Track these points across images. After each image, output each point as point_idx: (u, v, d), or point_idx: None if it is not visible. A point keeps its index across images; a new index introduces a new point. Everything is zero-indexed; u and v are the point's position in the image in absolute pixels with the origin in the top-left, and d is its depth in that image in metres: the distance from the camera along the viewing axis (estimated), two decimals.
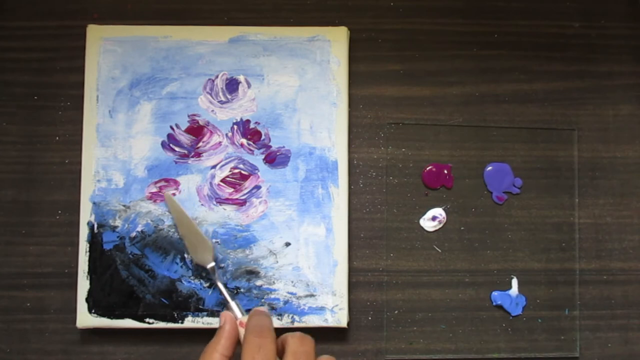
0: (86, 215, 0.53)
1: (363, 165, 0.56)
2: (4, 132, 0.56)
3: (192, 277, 0.53)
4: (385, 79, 0.57)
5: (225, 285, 0.52)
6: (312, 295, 0.53)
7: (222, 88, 0.55)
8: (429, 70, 0.57)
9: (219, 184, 0.54)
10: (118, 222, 0.53)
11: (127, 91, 0.55)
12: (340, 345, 0.55)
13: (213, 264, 0.52)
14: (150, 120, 0.54)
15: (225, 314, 0.45)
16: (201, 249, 0.52)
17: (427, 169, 0.56)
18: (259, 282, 0.53)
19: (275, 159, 0.54)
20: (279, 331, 0.53)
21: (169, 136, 0.54)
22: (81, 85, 0.55)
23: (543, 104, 0.57)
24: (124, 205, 0.54)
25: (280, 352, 0.42)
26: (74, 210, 0.54)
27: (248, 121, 0.55)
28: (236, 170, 0.54)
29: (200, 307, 0.53)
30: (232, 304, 0.47)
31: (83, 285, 0.53)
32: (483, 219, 0.56)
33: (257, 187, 0.54)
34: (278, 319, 0.53)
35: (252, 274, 0.53)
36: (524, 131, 0.57)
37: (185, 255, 0.53)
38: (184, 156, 0.54)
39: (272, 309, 0.53)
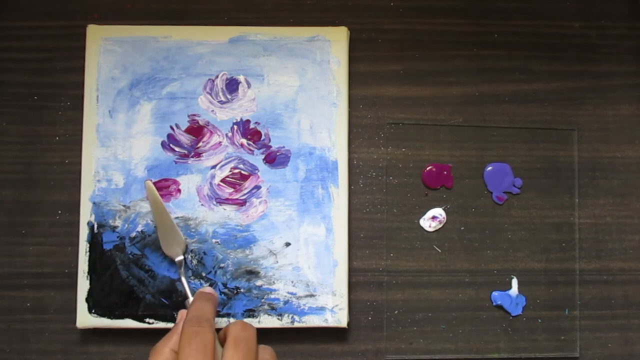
0: (86, 215, 0.53)
1: (363, 165, 0.56)
2: (4, 132, 0.56)
3: (191, 277, 0.53)
4: (385, 79, 0.57)
5: (188, 281, 0.52)
6: (312, 295, 0.53)
7: (222, 88, 0.55)
8: (429, 70, 0.57)
9: (219, 184, 0.54)
10: (118, 222, 0.53)
11: (127, 91, 0.55)
12: (340, 345, 0.55)
13: (181, 257, 0.52)
14: (150, 120, 0.54)
15: (182, 312, 0.47)
16: (172, 241, 0.52)
17: (427, 169, 0.56)
18: (259, 282, 0.53)
19: (275, 159, 0.54)
20: (279, 331, 0.53)
21: (169, 136, 0.54)
22: (81, 85, 0.55)
23: (543, 104, 0.57)
24: (124, 205, 0.54)
25: (223, 341, 0.42)
26: (74, 210, 0.54)
27: (248, 121, 0.55)
28: (236, 170, 0.54)
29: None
30: (191, 300, 0.48)
31: (83, 285, 0.53)
32: (483, 219, 0.56)
33: (257, 187, 0.54)
34: (278, 319, 0.53)
35: (252, 274, 0.53)
36: (524, 131, 0.57)
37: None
38: (184, 156, 0.54)
39: (272, 309, 0.53)
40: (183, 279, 0.51)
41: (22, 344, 0.54)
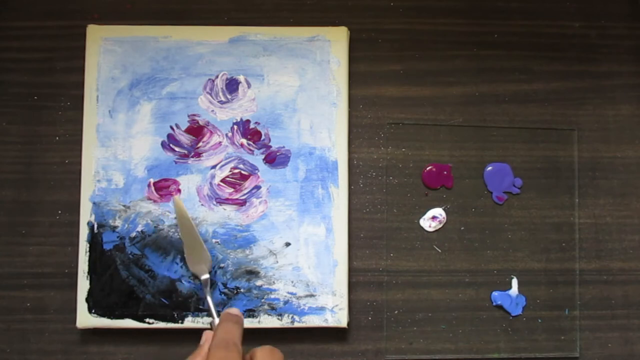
0: (86, 215, 0.53)
1: (363, 165, 0.56)
2: (4, 132, 0.56)
3: (192, 277, 0.53)
4: (385, 79, 0.57)
5: (213, 301, 0.51)
6: (312, 295, 0.53)
7: (222, 88, 0.55)
8: (429, 70, 0.57)
9: (219, 184, 0.54)
10: (118, 222, 0.53)
11: (127, 91, 0.55)
12: (340, 345, 0.55)
13: (207, 276, 0.51)
14: (150, 120, 0.54)
15: (207, 333, 0.45)
16: (199, 259, 0.52)
17: (427, 169, 0.56)
18: (259, 282, 0.53)
19: (275, 159, 0.54)
20: (279, 331, 0.53)
21: (169, 136, 0.54)
22: (81, 85, 0.55)
23: (543, 104, 0.57)
24: (124, 205, 0.54)
25: None
26: (74, 210, 0.54)
27: (248, 121, 0.55)
28: (236, 170, 0.54)
29: (200, 307, 0.53)
30: (217, 321, 0.46)
31: (83, 285, 0.53)
32: (483, 219, 0.56)
33: (257, 187, 0.54)
34: (278, 319, 0.53)
35: (252, 274, 0.53)
36: (524, 131, 0.57)
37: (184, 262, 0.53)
38: (184, 156, 0.54)
39: (272, 309, 0.53)
40: (209, 299, 0.50)
41: (22, 344, 0.54)
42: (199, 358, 0.41)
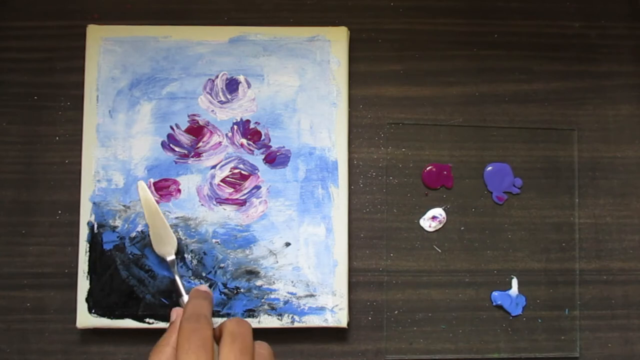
0: (86, 215, 0.53)
1: (363, 165, 0.56)
2: (4, 132, 0.56)
3: (191, 277, 0.53)
4: (385, 79, 0.57)
5: (181, 280, 0.52)
6: (312, 295, 0.53)
7: (222, 88, 0.55)
8: (429, 70, 0.57)
9: (219, 184, 0.54)
10: (118, 222, 0.53)
11: (127, 91, 0.55)
12: (340, 345, 0.55)
13: (173, 257, 0.52)
14: (150, 120, 0.54)
15: (176, 309, 0.46)
16: (164, 241, 0.52)
17: (427, 169, 0.56)
18: (259, 282, 0.53)
19: (275, 159, 0.54)
20: (279, 331, 0.53)
21: (169, 136, 0.54)
22: (81, 85, 0.55)
23: (543, 104, 0.57)
24: (124, 205, 0.54)
25: (219, 337, 0.42)
26: (74, 210, 0.54)
27: (248, 121, 0.55)
28: (236, 170, 0.54)
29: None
30: (186, 298, 0.48)
31: (83, 285, 0.53)
32: (483, 219, 0.56)
33: (257, 187, 0.54)
34: (278, 319, 0.53)
35: (252, 274, 0.53)
36: (524, 131, 0.57)
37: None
38: (184, 156, 0.54)
39: (272, 309, 0.53)
40: (177, 278, 0.51)
41: (22, 344, 0.54)
42: (175, 334, 0.42)
